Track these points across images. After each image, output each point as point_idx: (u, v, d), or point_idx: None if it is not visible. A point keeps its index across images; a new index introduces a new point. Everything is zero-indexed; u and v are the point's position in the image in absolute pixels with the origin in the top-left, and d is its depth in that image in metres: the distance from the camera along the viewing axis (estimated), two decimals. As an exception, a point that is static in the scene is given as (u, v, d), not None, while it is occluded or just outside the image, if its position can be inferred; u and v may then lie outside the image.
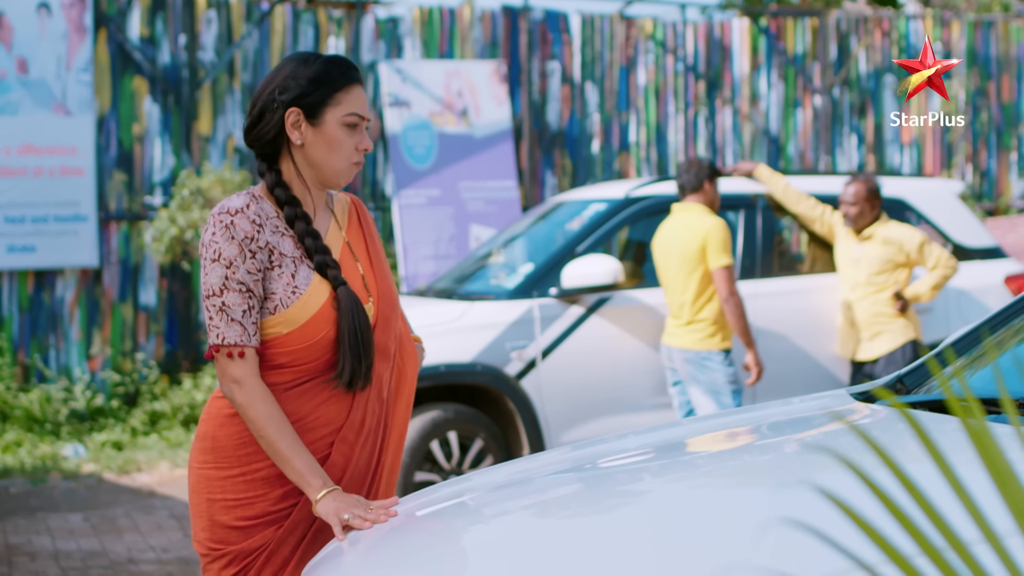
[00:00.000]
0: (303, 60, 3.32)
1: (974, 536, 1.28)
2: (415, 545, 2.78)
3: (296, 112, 3.27)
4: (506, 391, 7.79)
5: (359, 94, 3.34)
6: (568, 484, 3.14)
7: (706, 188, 7.64)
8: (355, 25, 12.81)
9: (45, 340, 11.70)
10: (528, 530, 2.79)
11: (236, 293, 3.17)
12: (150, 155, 12.08)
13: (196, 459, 3.37)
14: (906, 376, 3.50)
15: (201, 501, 3.35)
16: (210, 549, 3.34)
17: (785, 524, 1.81)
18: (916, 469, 1.43)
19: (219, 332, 3.19)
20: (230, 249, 3.18)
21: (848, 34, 14.75)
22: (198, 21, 12.23)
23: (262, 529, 3.29)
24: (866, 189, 7.91)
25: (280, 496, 3.29)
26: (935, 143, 15.04)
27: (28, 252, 11.47)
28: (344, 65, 3.33)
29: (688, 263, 7.46)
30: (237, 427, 3.29)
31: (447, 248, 12.29)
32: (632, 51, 13.93)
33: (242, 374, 3.18)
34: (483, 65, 12.88)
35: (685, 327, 7.52)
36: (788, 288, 8.38)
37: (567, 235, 8.39)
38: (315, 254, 3.28)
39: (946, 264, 7.85)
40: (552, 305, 7.92)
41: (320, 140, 3.29)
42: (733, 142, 14.30)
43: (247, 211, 3.22)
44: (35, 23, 11.49)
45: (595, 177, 13.66)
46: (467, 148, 12.62)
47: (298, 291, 3.23)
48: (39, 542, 7.86)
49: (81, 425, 11.29)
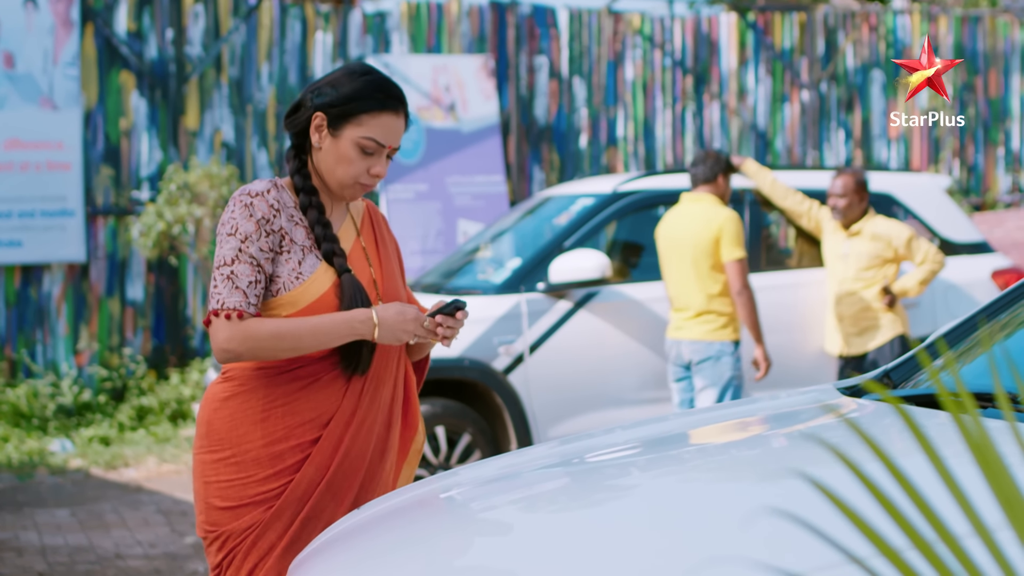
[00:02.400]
0: (352, 72, 3.39)
1: (964, 530, 1.28)
2: (402, 539, 2.77)
3: (321, 117, 3.35)
4: (494, 386, 7.78)
5: (389, 123, 3.37)
6: (556, 478, 3.14)
7: (719, 181, 7.61)
8: (343, 20, 12.79)
9: (32, 335, 11.67)
10: (516, 524, 2.79)
11: (247, 265, 3.26)
12: (137, 150, 12.05)
13: (195, 445, 3.46)
14: (893, 371, 3.50)
15: (199, 485, 3.43)
16: (207, 532, 3.41)
17: (774, 516, 1.81)
18: (906, 463, 1.43)
19: (220, 298, 3.27)
20: (247, 226, 3.27)
21: (836, 29, 14.75)
22: (185, 15, 12.20)
23: (251, 510, 3.35)
24: (854, 181, 7.91)
25: (268, 476, 3.34)
26: (923, 138, 15.05)
27: (15, 247, 11.45)
28: (385, 91, 3.37)
29: (700, 254, 7.41)
30: (231, 409, 3.36)
31: (435, 243, 12.29)
32: (620, 46, 13.92)
33: (235, 330, 3.25)
34: (471, 60, 12.87)
35: (694, 319, 7.46)
36: (775, 283, 8.37)
37: (555, 230, 8.38)
38: (323, 242, 3.36)
39: (934, 259, 7.85)
40: (540, 300, 7.92)
41: (332, 151, 3.35)
42: (721, 137, 14.30)
43: (267, 195, 3.32)
44: (21, 17, 11.46)
45: (583, 172, 13.65)
46: (455, 143, 12.62)
47: (302, 276, 3.32)
48: (26, 537, 7.84)
49: (68, 420, 11.27)
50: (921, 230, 8.91)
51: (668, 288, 7.65)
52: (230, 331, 3.24)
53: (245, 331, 3.23)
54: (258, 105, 12.47)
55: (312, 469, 3.34)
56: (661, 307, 8.04)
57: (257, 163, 12.43)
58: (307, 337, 3.25)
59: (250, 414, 3.35)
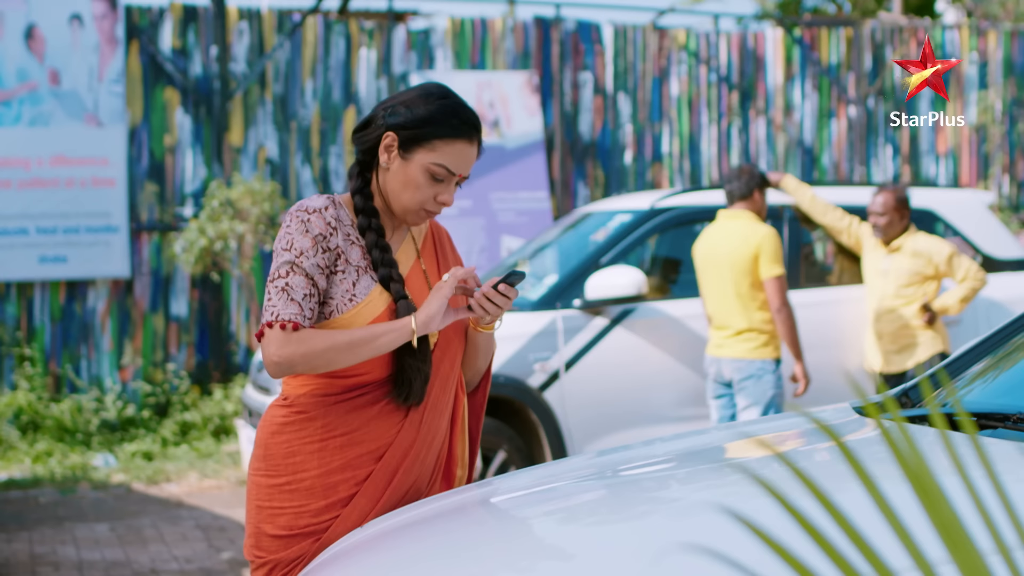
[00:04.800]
0: (428, 94, 3.25)
1: (905, 564, 1.23)
2: (433, 546, 2.77)
3: (392, 137, 3.23)
4: (529, 403, 7.75)
5: (463, 151, 3.25)
6: (592, 490, 3.12)
7: (755, 197, 7.54)
8: (387, 36, 12.81)
9: (76, 350, 11.75)
10: (549, 532, 2.80)
11: (301, 277, 3.16)
12: (181, 166, 12.12)
13: (251, 466, 3.38)
14: (911, 390, 3.45)
15: (252, 508, 3.36)
16: (256, 557, 3.35)
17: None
18: (894, 489, 1.38)
19: (275, 310, 3.16)
20: (303, 241, 3.18)
21: (883, 44, 14.65)
22: (230, 32, 12.27)
23: (300, 541, 3.28)
24: (895, 199, 7.82)
25: (321, 508, 3.27)
26: (971, 153, 14.91)
27: (60, 263, 11.53)
28: (461, 118, 3.24)
29: (739, 273, 7.35)
30: (288, 436, 3.28)
31: (478, 259, 12.27)
32: (665, 62, 13.88)
33: (285, 341, 3.15)
34: (515, 76, 12.86)
35: (735, 337, 7.40)
36: (815, 300, 8.30)
37: (592, 246, 8.34)
38: (381, 266, 3.27)
39: (975, 276, 7.75)
40: (576, 316, 7.88)
41: (400, 173, 3.24)
42: (767, 153, 14.22)
43: (324, 213, 3.23)
44: (67, 35, 11.55)
45: (627, 188, 13.61)
46: (498, 159, 12.61)
47: (355, 299, 3.22)
48: (64, 552, 7.87)
49: (112, 435, 11.32)
50: (963, 247, 8.80)
51: (707, 306, 7.59)
52: (284, 342, 3.13)
53: (300, 340, 3.12)
54: (302, 122, 12.51)
55: (364, 501, 3.27)
56: (698, 324, 7.98)
57: (301, 179, 12.46)
58: (361, 342, 3.14)
59: (308, 442, 3.27)
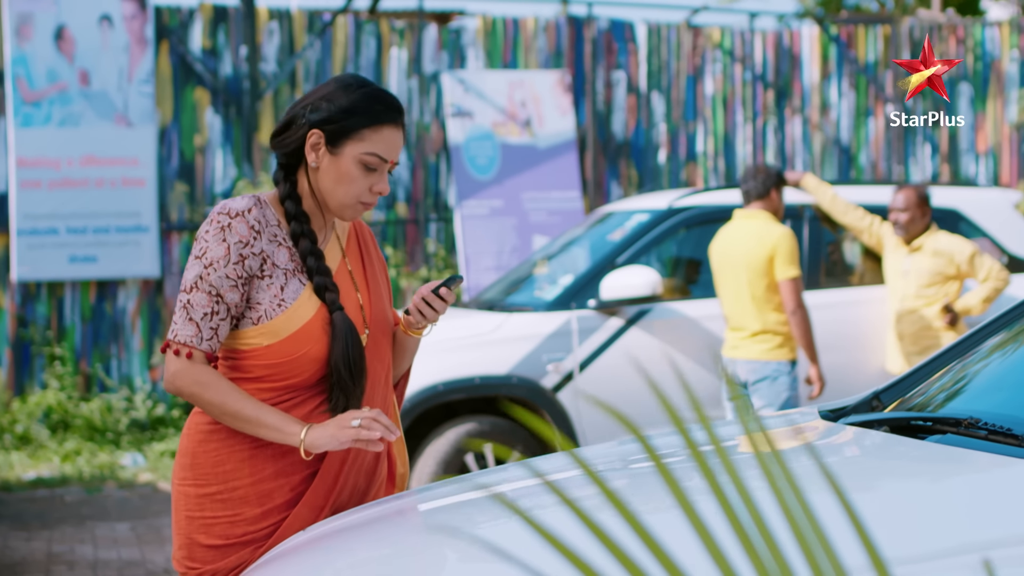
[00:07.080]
0: (346, 85, 3.21)
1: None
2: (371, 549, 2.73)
3: (318, 134, 3.16)
4: (542, 404, 7.69)
5: (391, 136, 3.20)
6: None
7: (772, 196, 7.46)
8: (417, 36, 12.78)
9: (107, 350, 11.80)
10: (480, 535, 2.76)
11: (204, 294, 3.10)
12: (211, 166, 12.14)
13: (176, 475, 3.30)
14: (883, 392, 3.39)
15: (181, 518, 3.27)
16: (188, 568, 3.26)
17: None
18: (861, 497, 1.31)
19: (175, 329, 3.13)
20: (217, 250, 3.10)
21: (922, 42, 14.47)
22: (259, 32, 12.28)
23: (238, 549, 3.22)
24: (916, 196, 7.71)
25: (257, 516, 3.21)
26: (1012, 153, 14.71)
27: (90, 262, 11.57)
28: (385, 103, 3.20)
29: (755, 274, 7.28)
30: (216, 444, 3.21)
31: (509, 259, 12.20)
32: (699, 60, 13.78)
33: (183, 369, 3.12)
34: (547, 75, 12.80)
35: (751, 338, 7.33)
36: (836, 300, 8.20)
37: (608, 246, 8.27)
38: (316, 275, 3.20)
39: (997, 276, 7.63)
40: (590, 317, 7.81)
41: (332, 169, 3.17)
42: (803, 152, 14.09)
43: (248, 215, 3.14)
44: (97, 35, 11.59)
45: (661, 188, 13.50)
46: (530, 158, 12.55)
47: (284, 304, 3.15)
48: (81, 551, 7.89)
49: (141, 435, 11.36)
50: (988, 246, 8.67)
51: (723, 307, 7.52)
52: (177, 370, 3.12)
53: (194, 378, 3.09)
54: (333, 121, 12.48)
55: (306, 510, 3.21)
56: (714, 325, 7.90)
57: (331, 179, 12.45)
58: (246, 418, 3.09)
59: (236, 451, 3.20)
